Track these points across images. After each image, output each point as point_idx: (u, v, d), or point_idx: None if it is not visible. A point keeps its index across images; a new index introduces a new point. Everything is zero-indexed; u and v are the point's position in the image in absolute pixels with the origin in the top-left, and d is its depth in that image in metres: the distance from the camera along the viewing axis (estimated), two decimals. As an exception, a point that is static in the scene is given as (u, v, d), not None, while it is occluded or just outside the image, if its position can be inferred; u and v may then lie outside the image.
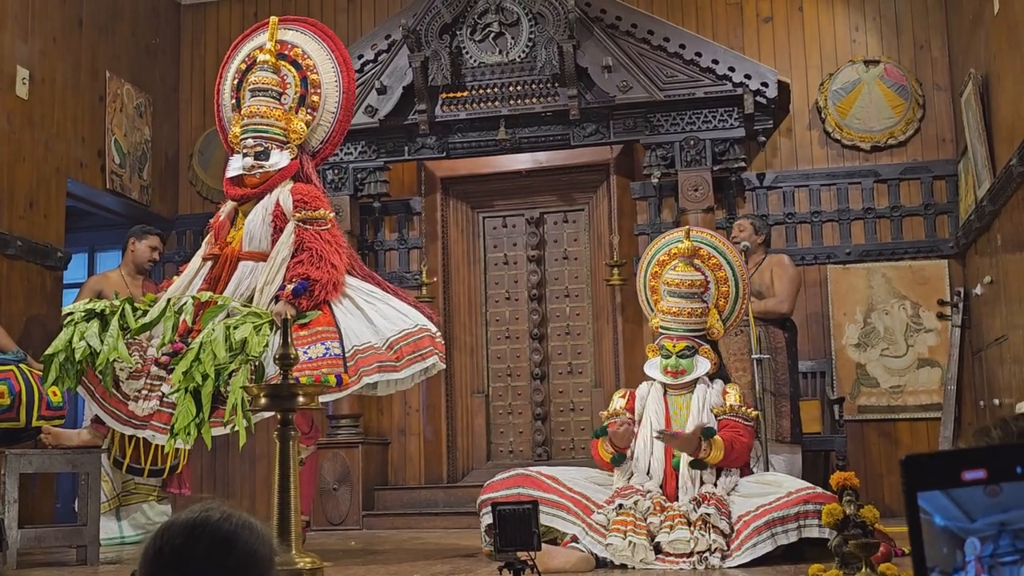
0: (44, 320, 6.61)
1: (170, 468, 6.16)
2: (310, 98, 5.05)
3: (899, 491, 6.45)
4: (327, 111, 5.08)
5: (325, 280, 4.62)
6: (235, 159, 4.94)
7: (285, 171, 4.87)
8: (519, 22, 7.11)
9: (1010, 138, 5.31)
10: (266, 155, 4.84)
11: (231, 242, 4.87)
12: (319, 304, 4.63)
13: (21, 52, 6.48)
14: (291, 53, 5.10)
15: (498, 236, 7.79)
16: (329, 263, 4.67)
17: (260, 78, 4.97)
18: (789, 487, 4.30)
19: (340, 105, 5.10)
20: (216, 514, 1.38)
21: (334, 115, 5.10)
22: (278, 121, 4.89)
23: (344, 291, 4.75)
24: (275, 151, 4.86)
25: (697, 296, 4.66)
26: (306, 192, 4.82)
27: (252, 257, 4.79)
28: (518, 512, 3.00)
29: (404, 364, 4.61)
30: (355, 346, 4.51)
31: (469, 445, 7.56)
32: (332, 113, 5.09)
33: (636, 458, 4.51)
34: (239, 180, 4.90)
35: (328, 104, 5.08)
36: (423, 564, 4.53)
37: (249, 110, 4.91)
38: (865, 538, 3.33)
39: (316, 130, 5.05)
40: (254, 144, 4.85)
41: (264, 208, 4.82)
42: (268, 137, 4.87)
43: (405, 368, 4.61)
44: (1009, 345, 5.63)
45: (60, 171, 6.84)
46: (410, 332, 4.68)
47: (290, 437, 3.13)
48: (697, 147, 6.91)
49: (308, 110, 5.04)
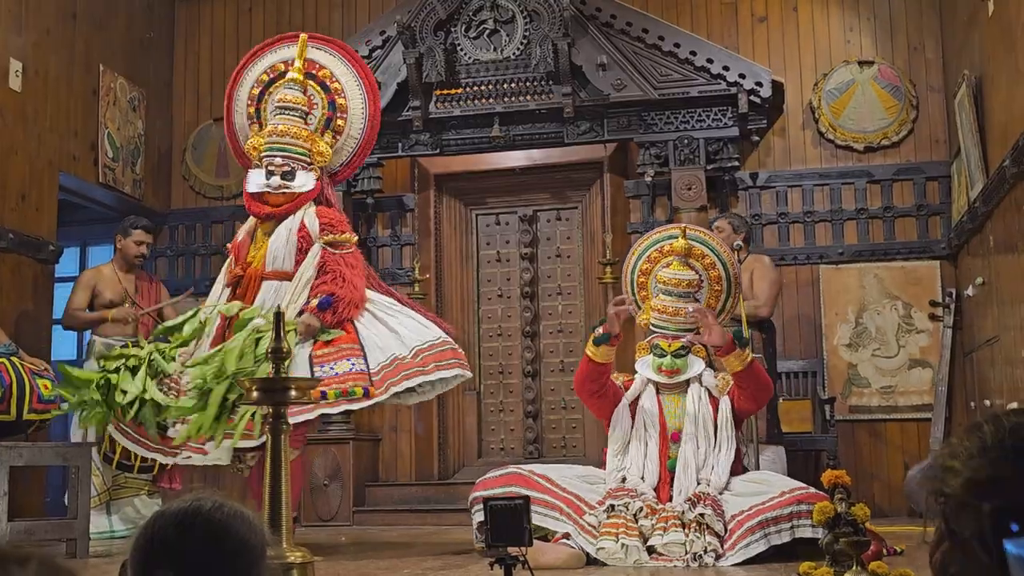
0: (35, 314, 6.60)
1: (159, 465, 6.15)
2: (336, 121, 5.10)
3: (890, 490, 6.46)
4: (351, 136, 5.14)
5: (348, 298, 4.70)
6: (256, 175, 4.94)
7: (310, 193, 4.91)
8: (514, 19, 7.11)
9: (1003, 139, 5.32)
10: (292, 175, 4.87)
11: (251, 262, 4.89)
12: (342, 322, 4.70)
13: (14, 44, 6.46)
14: (319, 74, 5.14)
15: (491, 233, 7.79)
16: (352, 284, 4.75)
17: (288, 96, 5.00)
18: (782, 487, 4.30)
19: (364, 132, 5.16)
20: (208, 504, 1.37)
21: (357, 141, 5.16)
22: (304, 142, 4.93)
23: (365, 306, 4.82)
24: (301, 172, 4.89)
25: (691, 296, 4.65)
26: (332, 216, 4.90)
27: (276, 277, 4.82)
28: (509, 508, 3.00)
29: (431, 370, 4.69)
30: (380, 362, 4.60)
31: (460, 442, 7.56)
32: (355, 139, 5.15)
33: (630, 463, 4.50)
34: (260, 197, 4.91)
35: (352, 130, 5.14)
36: (414, 560, 4.53)
37: (278, 128, 4.93)
38: (856, 536, 3.34)
39: (338, 153, 5.11)
40: (282, 163, 4.88)
41: (288, 229, 4.84)
42: (295, 157, 4.90)
43: (433, 372, 4.69)
44: (1000, 346, 5.64)
45: (53, 164, 6.82)
46: (434, 344, 4.76)
47: (282, 431, 3.13)
48: (691, 146, 6.91)
49: (333, 133, 5.09)
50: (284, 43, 5.25)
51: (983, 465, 1.20)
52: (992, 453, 1.20)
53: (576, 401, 7.46)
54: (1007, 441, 1.21)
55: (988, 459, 1.20)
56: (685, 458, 4.43)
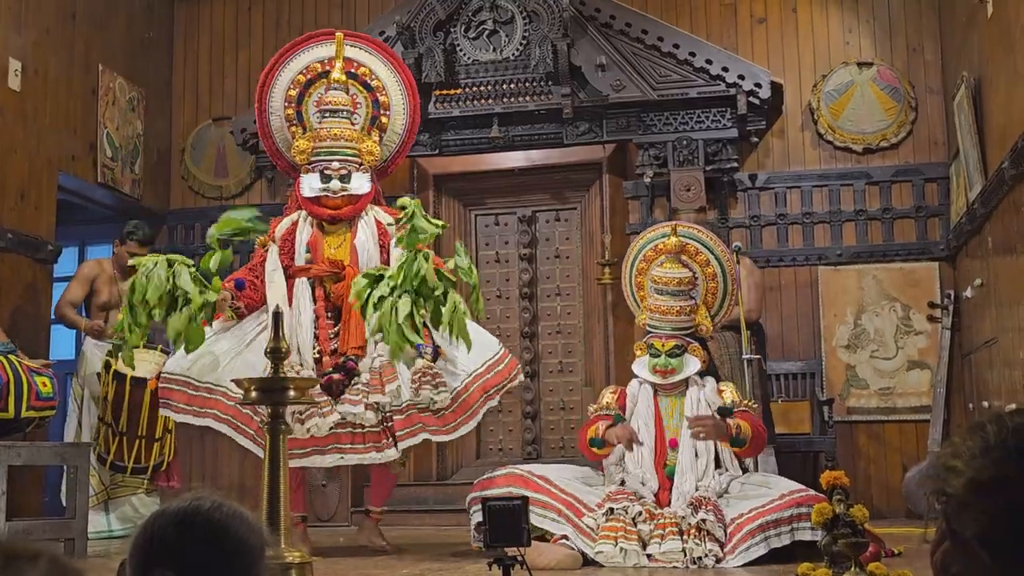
0: (33, 314, 6.59)
1: (154, 466, 6.15)
2: (380, 119, 5.21)
3: (888, 492, 6.44)
4: (394, 132, 5.27)
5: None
6: (311, 178, 4.98)
7: (370, 194, 5.03)
8: (513, 20, 7.11)
9: (1002, 141, 5.32)
10: (349, 178, 4.96)
11: (333, 258, 4.95)
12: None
13: (14, 44, 6.46)
14: (359, 72, 5.23)
15: (490, 234, 7.79)
16: None
17: (333, 98, 5.07)
18: (781, 489, 4.27)
19: (407, 126, 5.28)
20: (207, 503, 1.37)
21: (400, 136, 5.28)
22: (355, 143, 5.02)
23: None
24: (356, 174, 4.98)
25: (685, 294, 4.64)
26: (395, 214, 4.97)
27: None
28: (508, 508, 3.00)
29: (482, 403, 4.81)
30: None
31: (459, 442, 7.52)
32: (399, 134, 5.28)
33: (627, 468, 4.49)
34: (317, 200, 4.97)
35: (395, 125, 5.26)
36: (412, 560, 4.53)
37: (331, 132, 5.00)
38: (854, 537, 3.34)
39: (384, 148, 5.22)
40: (339, 167, 4.95)
41: (370, 230, 4.97)
42: (350, 160, 4.98)
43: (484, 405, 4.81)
44: (999, 348, 5.64)
45: (52, 164, 6.82)
46: (491, 364, 4.90)
47: (280, 431, 3.13)
48: (690, 147, 6.92)
49: (379, 131, 5.20)
50: (314, 42, 5.31)
51: (986, 465, 1.20)
52: (995, 453, 1.20)
53: (575, 402, 7.47)
54: (1010, 441, 1.21)
55: (991, 459, 1.20)
56: (683, 465, 4.41)
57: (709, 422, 4.37)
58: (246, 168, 7.92)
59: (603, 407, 4.65)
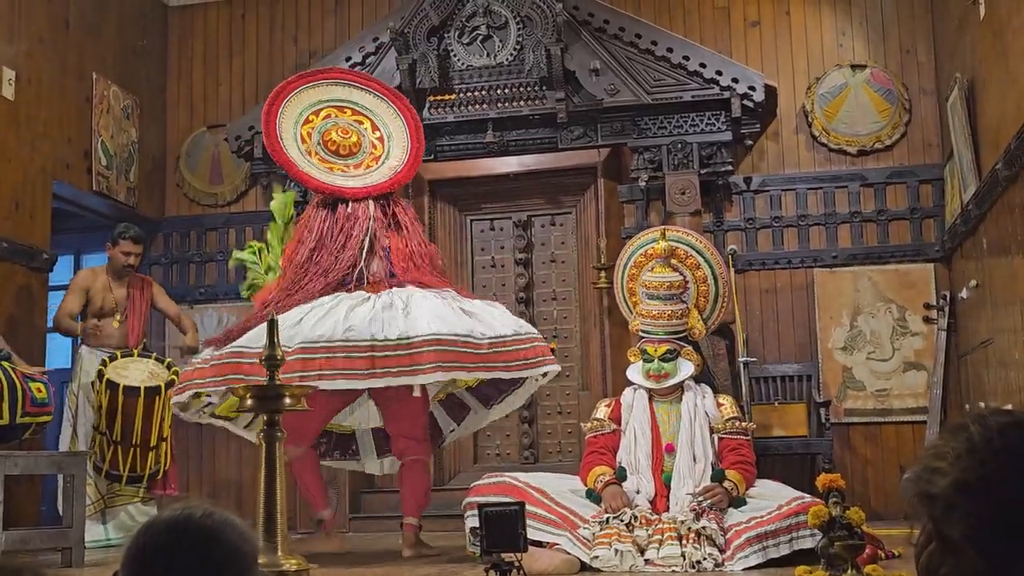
0: (29, 322, 6.59)
1: (150, 474, 6.13)
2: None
3: (885, 493, 6.43)
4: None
5: None
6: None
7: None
8: (507, 25, 7.12)
9: (995, 142, 5.33)
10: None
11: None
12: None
13: (7, 52, 6.46)
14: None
15: (485, 239, 7.79)
16: None
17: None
18: (780, 499, 4.25)
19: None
20: (198, 512, 1.37)
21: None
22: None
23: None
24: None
25: (676, 297, 4.63)
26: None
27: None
28: (504, 513, 3.00)
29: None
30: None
31: (456, 448, 7.53)
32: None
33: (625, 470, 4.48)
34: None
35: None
36: (409, 566, 4.53)
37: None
38: (851, 539, 3.34)
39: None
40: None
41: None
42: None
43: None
44: (994, 349, 5.65)
45: (46, 172, 6.81)
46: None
47: (276, 439, 3.12)
48: (684, 150, 6.92)
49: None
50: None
51: (972, 465, 1.20)
52: (980, 454, 1.20)
53: (572, 406, 7.46)
54: (995, 441, 1.21)
55: (977, 459, 1.20)
56: (680, 471, 4.40)
57: (719, 491, 4.32)
58: (241, 175, 7.92)
59: (598, 423, 4.62)
